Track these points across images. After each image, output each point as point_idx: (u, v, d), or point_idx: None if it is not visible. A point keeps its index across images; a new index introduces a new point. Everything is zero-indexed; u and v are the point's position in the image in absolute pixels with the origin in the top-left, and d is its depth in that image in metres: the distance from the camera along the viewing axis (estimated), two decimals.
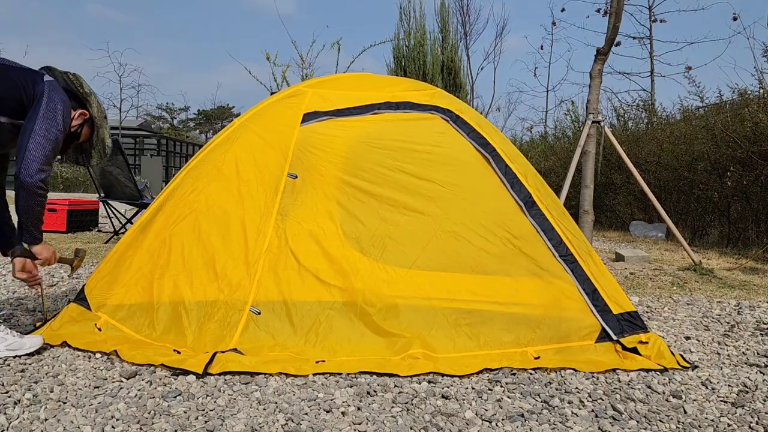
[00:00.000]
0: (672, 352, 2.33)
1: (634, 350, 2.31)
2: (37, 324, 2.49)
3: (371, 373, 2.08)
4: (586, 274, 2.44)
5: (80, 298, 2.46)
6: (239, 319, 2.32)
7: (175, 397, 1.83)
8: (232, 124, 2.78)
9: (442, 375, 2.09)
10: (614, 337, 2.34)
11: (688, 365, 2.26)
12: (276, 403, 1.81)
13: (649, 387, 2.04)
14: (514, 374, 2.13)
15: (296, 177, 2.55)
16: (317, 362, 2.15)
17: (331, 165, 2.57)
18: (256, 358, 2.14)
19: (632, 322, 2.37)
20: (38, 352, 2.18)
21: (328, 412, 1.76)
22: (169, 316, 2.36)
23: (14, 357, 2.12)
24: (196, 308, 2.35)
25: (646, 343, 2.32)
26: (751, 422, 1.78)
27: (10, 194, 2.33)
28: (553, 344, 2.34)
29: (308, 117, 2.65)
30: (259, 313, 2.33)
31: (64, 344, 2.27)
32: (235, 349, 2.21)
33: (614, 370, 2.19)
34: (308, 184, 2.56)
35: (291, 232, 2.47)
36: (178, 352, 2.18)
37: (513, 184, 2.56)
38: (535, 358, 2.25)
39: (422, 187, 2.53)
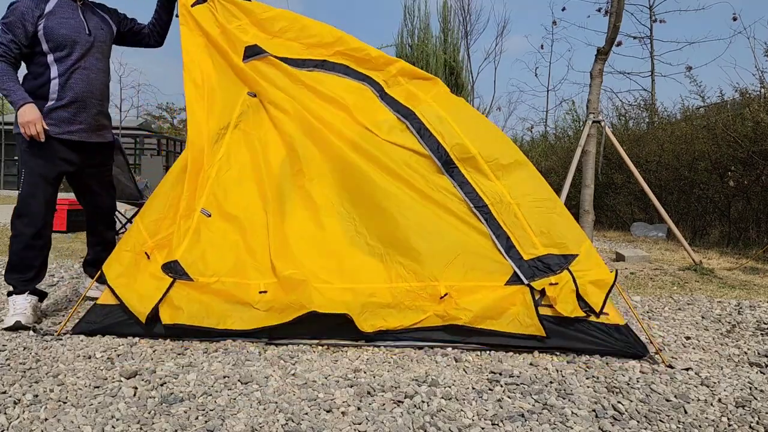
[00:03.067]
0: (583, 300, 2.36)
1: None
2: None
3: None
4: (498, 223, 2.56)
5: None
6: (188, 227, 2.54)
7: (176, 396, 1.83)
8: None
9: (442, 375, 2.09)
10: (525, 281, 2.43)
11: (599, 315, 2.32)
12: (276, 403, 1.81)
13: (649, 387, 2.04)
14: (514, 374, 2.13)
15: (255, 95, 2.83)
16: (260, 292, 2.39)
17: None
18: (197, 305, 2.38)
19: (543, 268, 2.46)
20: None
21: (328, 412, 1.76)
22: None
23: (14, 358, 2.13)
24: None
25: (556, 284, 2.40)
26: (752, 422, 1.78)
27: (10, 194, 2.36)
28: (465, 282, 2.45)
29: (250, 51, 2.83)
30: (210, 215, 2.57)
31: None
32: (176, 262, 2.46)
33: (614, 370, 2.20)
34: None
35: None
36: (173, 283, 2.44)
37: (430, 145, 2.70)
38: (444, 296, 2.37)
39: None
